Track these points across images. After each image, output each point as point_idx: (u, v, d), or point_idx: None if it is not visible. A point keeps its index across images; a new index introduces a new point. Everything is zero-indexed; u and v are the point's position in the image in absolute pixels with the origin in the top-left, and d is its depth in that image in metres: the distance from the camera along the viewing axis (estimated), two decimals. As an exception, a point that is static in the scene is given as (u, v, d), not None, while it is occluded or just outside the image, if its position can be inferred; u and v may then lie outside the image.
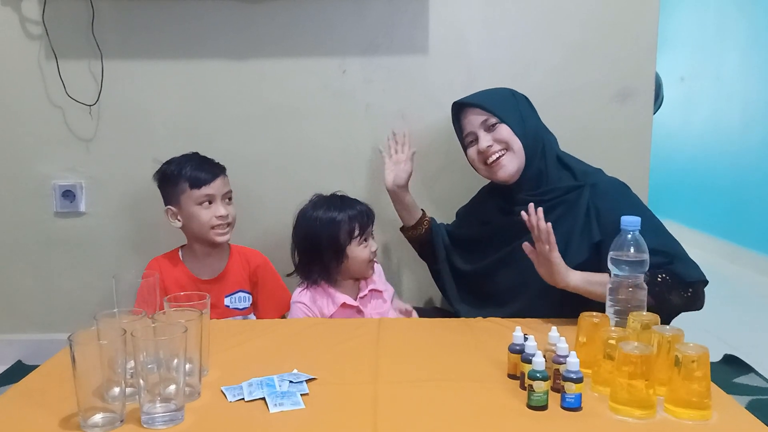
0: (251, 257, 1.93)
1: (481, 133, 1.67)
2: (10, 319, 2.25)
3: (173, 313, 1.14)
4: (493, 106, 1.67)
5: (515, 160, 1.65)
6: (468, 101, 1.72)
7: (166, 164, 1.84)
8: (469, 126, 1.71)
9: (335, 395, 1.14)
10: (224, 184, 1.83)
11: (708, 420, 1.03)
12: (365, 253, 1.73)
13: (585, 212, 1.58)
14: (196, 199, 1.78)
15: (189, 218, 1.80)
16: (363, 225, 1.73)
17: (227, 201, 1.84)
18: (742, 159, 3.99)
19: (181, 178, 1.79)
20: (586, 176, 1.64)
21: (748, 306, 3.25)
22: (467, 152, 1.75)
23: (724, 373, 2.20)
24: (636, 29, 2.04)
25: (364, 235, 1.73)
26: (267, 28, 2.08)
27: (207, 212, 1.79)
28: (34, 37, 2.09)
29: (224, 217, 1.80)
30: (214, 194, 1.79)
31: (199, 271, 1.85)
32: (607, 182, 1.64)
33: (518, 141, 1.65)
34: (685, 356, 1.03)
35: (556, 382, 1.10)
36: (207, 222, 1.79)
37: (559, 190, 1.63)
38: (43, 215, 2.18)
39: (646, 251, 1.24)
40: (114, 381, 1.01)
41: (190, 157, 1.85)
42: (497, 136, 1.66)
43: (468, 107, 1.71)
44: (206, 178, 1.79)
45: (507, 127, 1.65)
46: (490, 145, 1.65)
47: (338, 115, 2.12)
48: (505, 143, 1.65)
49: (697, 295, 1.47)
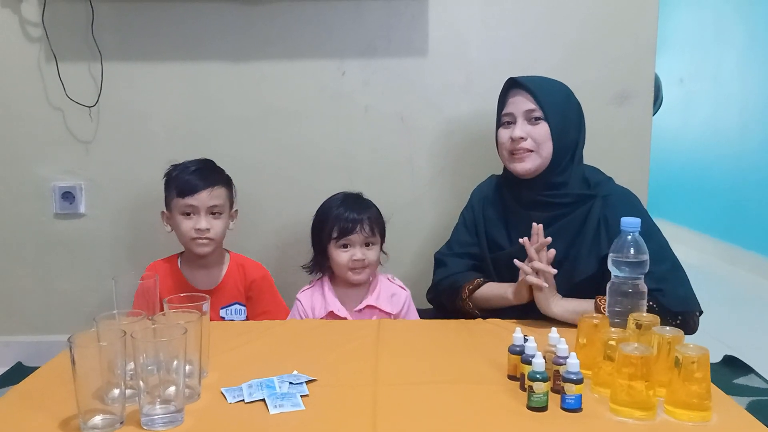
0: (250, 269, 1.88)
1: (521, 120, 1.60)
2: (10, 321, 2.25)
3: (173, 314, 1.13)
4: (546, 101, 1.59)
5: (538, 161, 1.59)
6: (524, 83, 1.62)
7: (172, 167, 1.82)
8: (512, 106, 1.63)
9: (335, 397, 1.13)
10: (211, 198, 1.75)
11: (708, 421, 1.03)
12: (343, 258, 1.69)
13: (596, 225, 1.55)
14: (180, 208, 1.76)
15: (175, 226, 1.79)
16: (344, 230, 1.68)
17: (214, 215, 1.77)
18: (740, 160, 3.99)
19: (172, 184, 1.78)
20: (599, 187, 1.61)
21: (748, 307, 3.25)
22: (498, 131, 1.67)
23: (724, 375, 2.20)
24: (635, 30, 2.05)
25: (343, 241, 1.69)
26: (266, 30, 2.08)
27: (187, 223, 1.75)
28: (34, 39, 2.09)
29: (202, 231, 1.74)
30: (196, 206, 1.74)
31: (196, 280, 1.83)
32: (618, 194, 1.61)
33: (550, 146, 1.58)
34: (685, 357, 1.03)
35: (556, 383, 1.10)
36: (186, 233, 1.76)
37: (570, 196, 1.60)
38: (42, 217, 2.18)
39: (646, 252, 1.24)
40: (114, 383, 1.01)
41: (195, 163, 1.81)
42: (534, 132, 1.58)
43: (521, 88, 1.62)
44: (191, 188, 1.74)
45: (548, 127, 1.58)
46: (523, 137, 1.59)
47: (337, 116, 2.12)
48: (537, 144, 1.58)
49: (686, 324, 1.43)
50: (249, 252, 1.99)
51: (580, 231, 1.57)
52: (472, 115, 2.10)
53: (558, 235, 1.55)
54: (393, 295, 1.76)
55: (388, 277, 1.81)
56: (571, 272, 1.55)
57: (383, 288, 1.76)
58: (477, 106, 2.09)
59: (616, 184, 1.66)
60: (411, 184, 2.15)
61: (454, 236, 1.78)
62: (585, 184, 1.63)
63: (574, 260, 1.56)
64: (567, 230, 1.58)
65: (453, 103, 2.11)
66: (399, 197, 2.14)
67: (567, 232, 1.57)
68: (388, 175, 2.14)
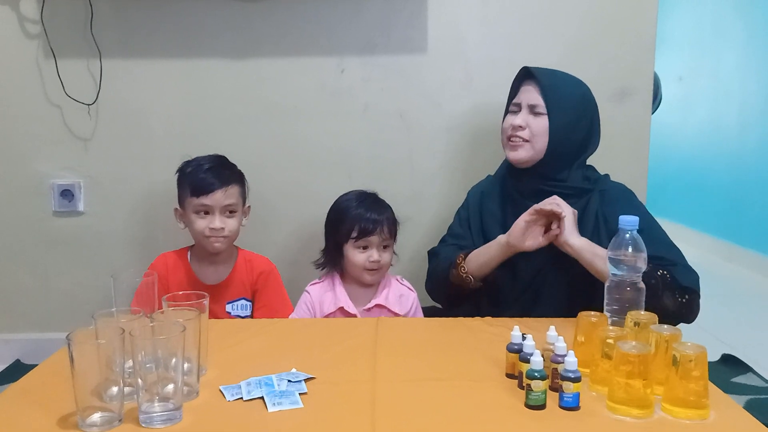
0: (257, 264, 1.88)
1: (525, 110, 1.61)
2: (9, 318, 2.25)
3: (171, 312, 1.14)
4: (552, 96, 1.59)
5: (531, 152, 1.60)
6: (537, 75, 1.61)
7: (186, 163, 1.82)
8: (522, 96, 1.63)
9: (334, 394, 1.13)
10: (226, 197, 1.75)
11: (705, 419, 1.04)
12: (360, 259, 1.69)
13: (594, 219, 1.57)
14: (194, 207, 1.76)
15: (189, 223, 1.80)
16: (364, 231, 1.68)
17: (228, 214, 1.77)
18: (739, 158, 4.00)
19: (186, 181, 1.78)
20: (597, 182, 1.63)
21: (746, 305, 3.25)
22: (505, 118, 1.68)
23: (722, 373, 2.20)
24: (634, 28, 2.05)
25: (362, 242, 1.69)
26: (265, 28, 2.08)
27: (202, 222, 1.76)
28: (33, 36, 2.09)
29: (217, 230, 1.75)
30: (211, 206, 1.74)
31: (204, 274, 1.84)
32: (615, 189, 1.63)
33: (545, 140, 1.58)
34: (683, 355, 1.03)
35: (554, 381, 1.10)
36: (200, 231, 1.76)
37: (571, 189, 1.60)
38: (41, 214, 2.18)
39: (644, 250, 1.24)
40: (112, 380, 1.01)
41: (209, 159, 1.80)
42: (533, 123, 1.59)
43: (533, 79, 1.62)
44: (206, 188, 1.73)
45: (547, 123, 1.58)
46: (521, 126, 1.60)
47: (336, 114, 2.12)
48: (533, 135, 1.58)
49: (690, 306, 1.44)
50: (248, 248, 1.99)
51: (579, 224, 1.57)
52: (471, 112, 2.10)
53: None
54: (401, 296, 1.76)
55: (398, 278, 1.81)
56: (570, 266, 1.55)
57: (393, 288, 1.76)
58: (476, 103, 2.09)
59: (613, 181, 1.67)
60: (411, 180, 2.15)
61: (448, 231, 1.80)
62: (584, 181, 1.64)
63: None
64: None
65: (452, 99, 2.11)
66: (399, 194, 2.12)
67: None
68: (388, 172, 2.14)
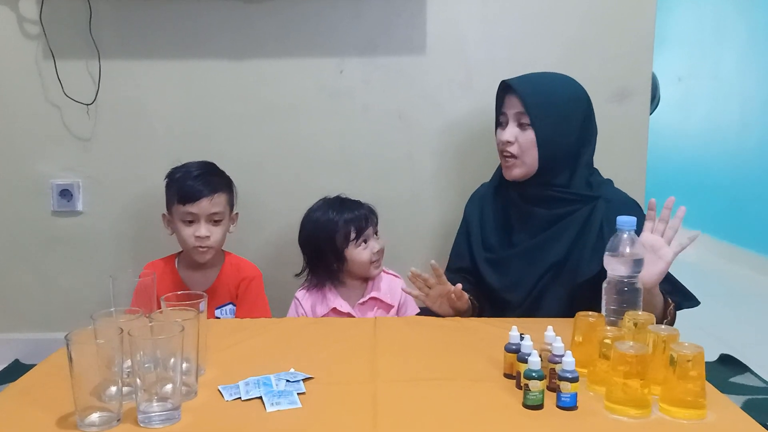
0: (242, 269, 1.87)
1: (511, 123, 1.58)
2: (8, 318, 2.25)
3: (170, 312, 1.14)
4: (534, 105, 1.54)
5: (523, 169, 1.58)
6: (514, 86, 1.57)
7: (174, 169, 1.82)
8: (506, 107, 1.61)
9: (332, 394, 1.14)
10: (212, 205, 1.75)
11: (703, 419, 1.04)
12: (365, 255, 1.73)
13: (599, 227, 1.54)
14: (180, 214, 1.76)
15: (175, 230, 1.80)
16: (360, 228, 1.72)
17: (214, 222, 1.77)
18: (739, 158, 4.00)
19: (173, 187, 1.78)
20: (600, 188, 1.60)
21: (745, 305, 3.25)
22: (496, 130, 1.65)
23: (720, 373, 2.21)
24: (633, 28, 2.05)
25: (362, 238, 1.73)
26: (264, 28, 2.08)
27: (188, 230, 1.76)
28: (32, 37, 2.09)
29: (202, 239, 1.75)
30: (197, 214, 1.74)
31: (192, 280, 1.84)
32: (621, 200, 1.59)
33: (535, 153, 1.55)
34: (681, 356, 1.03)
35: (551, 381, 1.10)
36: (186, 239, 1.77)
37: (574, 195, 1.58)
38: (40, 214, 2.18)
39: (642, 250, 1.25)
40: (111, 380, 1.01)
41: (197, 167, 1.80)
42: (521, 138, 1.56)
43: (512, 90, 1.58)
44: (192, 196, 1.73)
45: (534, 134, 1.54)
46: (510, 141, 1.57)
47: (336, 114, 2.12)
48: (522, 151, 1.56)
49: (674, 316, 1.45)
50: (246, 249, 1.99)
51: (582, 232, 1.56)
52: (471, 112, 2.10)
53: (560, 234, 1.55)
54: (391, 286, 1.80)
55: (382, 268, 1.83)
56: (572, 273, 1.54)
57: (383, 279, 1.80)
58: (476, 103, 2.09)
59: (617, 188, 1.65)
60: (411, 181, 2.15)
61: (453, 248, 1.78)
62: (588, 186, 1.60)
63: (577, 261, 1.55)
64: (569, 230, 1.57)
65: (452, 100, 2.11)
66: (399, 195, 2.14)
67: (569, 232, 1.56)
68: (388, 172, 2.15)
